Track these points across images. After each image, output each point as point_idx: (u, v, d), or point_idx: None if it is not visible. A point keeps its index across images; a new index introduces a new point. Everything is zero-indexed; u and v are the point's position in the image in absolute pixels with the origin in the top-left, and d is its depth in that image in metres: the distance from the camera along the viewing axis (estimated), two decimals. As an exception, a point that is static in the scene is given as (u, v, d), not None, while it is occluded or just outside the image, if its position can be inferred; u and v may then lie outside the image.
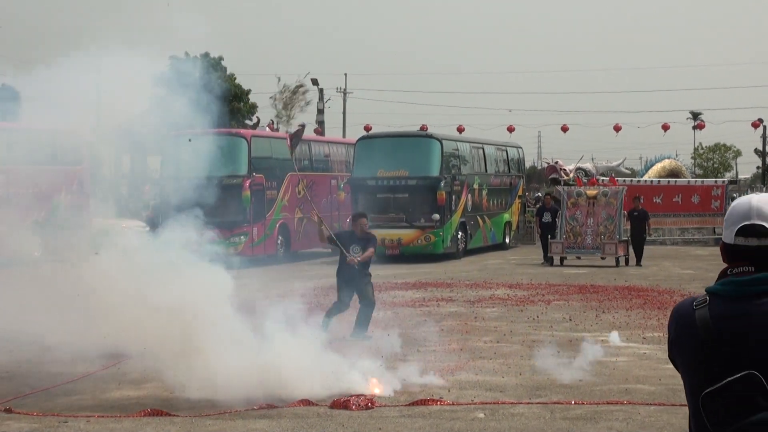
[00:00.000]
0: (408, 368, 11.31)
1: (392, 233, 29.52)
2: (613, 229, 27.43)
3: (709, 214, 36.34)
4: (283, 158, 31.08)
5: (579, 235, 27.55)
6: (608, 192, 28.01)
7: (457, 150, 32.27)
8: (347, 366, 10.43)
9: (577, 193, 28.00)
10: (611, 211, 27.57)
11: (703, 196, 36.27)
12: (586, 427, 8.77)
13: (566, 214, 27.83)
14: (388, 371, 10.78)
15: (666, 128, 48.84)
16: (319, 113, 57.19)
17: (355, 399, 9.57)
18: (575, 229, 27.59)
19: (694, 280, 22.96)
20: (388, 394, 9.99)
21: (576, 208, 27.76)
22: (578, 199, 27.79)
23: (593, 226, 27.49)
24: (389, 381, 10.30)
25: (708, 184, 37.55)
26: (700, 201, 36.11)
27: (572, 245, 27.61)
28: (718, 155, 66.30)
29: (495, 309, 17.71)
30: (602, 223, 27.45)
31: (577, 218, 27.66)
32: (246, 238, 28.16)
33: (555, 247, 27.73)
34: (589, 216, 27.59)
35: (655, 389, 10.40)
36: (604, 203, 27.60)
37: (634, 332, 14.63)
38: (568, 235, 27.59)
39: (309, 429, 8.78)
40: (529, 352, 12.75)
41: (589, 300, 18.97)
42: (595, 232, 27.45)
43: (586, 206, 27.64)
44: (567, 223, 27.70)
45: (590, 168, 42.87)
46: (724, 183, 37.50)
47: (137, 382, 10.89)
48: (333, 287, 21.82)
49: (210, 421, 9.06)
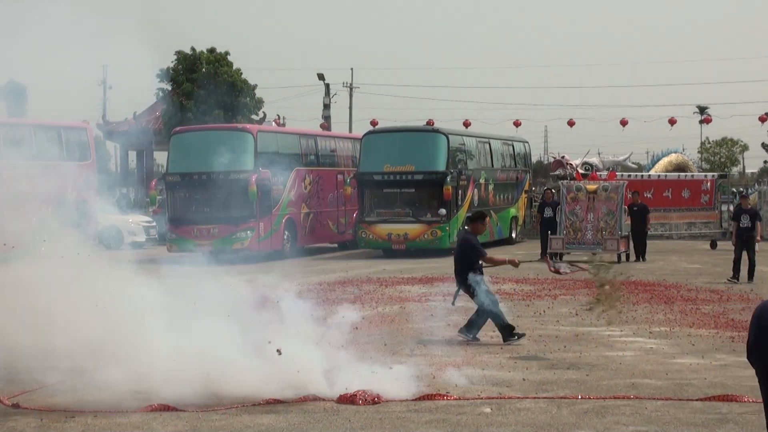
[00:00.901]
0: (414, 363, 11.33)
1: (398, 228, 29.55)
2: (613, 224, 26.97)
3: (698, 209, 35.77)
4: (289, 153, 31.13)
5: (579, 230, 27.08)
6: (608, 186, 27.47)
7: (463, 145, 32.26)
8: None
9: (576, 188, 27.50)
10: (612, 205, 27.10)
11: (693, 190, 35.70)
12: (592, 422, 8.76)
13: (566, 209, 27.36)
14: (396, 366, 10.78)
15: (673, 122, 48.73)
16: (326, 108, 57.14)
17: (362, 394, 9.57)
18: (575, 224, 27.12)
19: (701, 275, 22.93)
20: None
21: (576, 203, 27.28)
22: (578, 193, 27.31)
23: (593, 221, 27.04)
24: (397, 376, 10.29)
25: (698, 179, 36.88)
26: (690, 196, 35.55)
27: (572, 241, 27.12)
28: (725, 149, 66.22)
29: (501, 304, 17.67)
30: (603, 218, 26.98)
31: (576, 213, 27.20)
32: (252, 233, 28.19)
33: (555, 243, 27.14)
34: (589, 211, 27.13)
35: (661, 384, 10.39)
36: (604, 198, 27.11)
37: (641, 327, 14.63)
38: (567, 230, 27.13)
39: (315, 424, 8.79)
40: (535, 347, 12.76)
41: (595, 295, 18.91)
42: (596, 228, 27.00)
43: (586, 201, 27.15)
44: (567, 219, 27.24)
45: (597, 162, 42.86)
46: (713, 177, 36.88)
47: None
48: (339, 282, 21.88)
49: (216, 416, 9.07)
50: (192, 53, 48.57)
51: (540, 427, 8.61)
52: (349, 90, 63.89)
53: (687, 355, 12.22)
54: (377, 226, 29.86)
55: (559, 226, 27.29)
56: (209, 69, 47.99)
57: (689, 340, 13.35)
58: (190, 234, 28.29)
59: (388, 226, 29.62)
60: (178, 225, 28.67)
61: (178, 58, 48.50)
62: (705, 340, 13.31)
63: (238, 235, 28.18)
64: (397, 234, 29.13)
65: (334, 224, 33.10)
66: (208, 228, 28.25)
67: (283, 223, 29.59)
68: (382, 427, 8.68)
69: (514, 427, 8.62)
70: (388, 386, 9.87)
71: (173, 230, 28.74)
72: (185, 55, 48.45)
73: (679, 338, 13.54)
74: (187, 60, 48.26)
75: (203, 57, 48.38)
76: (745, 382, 10.45)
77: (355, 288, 20.66)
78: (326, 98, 57.70)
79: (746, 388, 10.10)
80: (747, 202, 22.22)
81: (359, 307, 14.11)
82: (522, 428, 8.60)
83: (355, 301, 18.09)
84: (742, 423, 8.69)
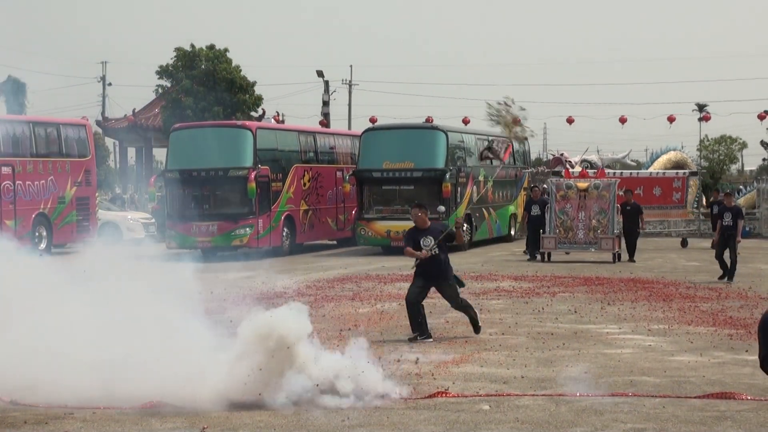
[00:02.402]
0: (413, 360, 11.34)
1: (397, 225, 29.48)
2: (606, 223, 26.28)
3: (669, 207, 35.27)
4: (288, 150, 31.14)
5: (570, 229, 26.43)
6: (600, 184, 26.66)
7: (462, 142, 32.26)
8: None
9: (566, 186, 26.80)
10: (604, 204, 26.39)
11: (665, 188, 35.19)
12: (591, 419, 8.77)
13: (555, 208, 26.65)
14: (394, 364, 10.78)
15: (672, 120, 48.64)
16: (325, 105, 57.08)
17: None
18: (566, 223, 26.45)
19: (700, 272, 22.95)
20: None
21: (566, 201, 26.57)
22: (568, 191, 26.58)
23: (585, 220, 26.37)
24: (396, 374, 10.29)
25: (669, 176, 36.33)
26: (661, 193, 35.04)
27: (563, 240, 26.48)
28: (724, 147, 66.11)
29: (500, 301, 17.72)
30: (594, 217, 26.32)
31: (567, 212, 26.49)
32: (251, 230, 28.20)
33: (548, 242, 26.53)
34: (581, 209, 26.45)
35: (660, 381, 10.40)
36: (596, 196, 26.41)
37: (640, 324, 14.64)
38: (558, 229, 26.42)
39: (314, 421, 8.79)
40: (534, 344, 12.77)
41: (594, 292, 18.96)
42: (587, 227, 26.33)
43: (576, 199, 26.46)
44: (557, 217, 26.53)
45: (596, 160, 42.90)
46: (684, 175, 36.51)
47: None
48: (338, 279, 21.91)
49: (215, 413, 9.07)
50: (191, 50, 48.51)
51: (538, 425, 8.62)
52: (348, 87, 63.88)
53: (685, 352, 12.23)
54: (376, 223, 29.88)
55: (549, 225, 26.66)
56: (208, 66, 47.94)
57: (688, 337, 13.37)
58: (189, 231, 28.30)
59: (387, 223, 29.61)
60: (177, 222, 28.67)
61: (177, 54, 48.45)
62: (703, 338, 13.32)
63: (237, 232, 28.19)
64: (396, 231, 29.05)
65: (333, 221, 33.11)
66: (207, 225, 28.25)
67: (282, 220, 29.60)
68: (381, 424, 8.69)
69: (512, 425, 8.63)
70: (385, 384, 9.84)
71: (172, 227, 28.75)
72: (184, 51, 48.39)
73: (677, 336, 13.55)
74: (186, 57, 48.20)
75: (202, 54, 48.33)
76: (743, 379, 10.47)
77: (354, 285, 20.67)
78: (325, 95, 57.65)
79: (744, 385, 10.11)
80: (731, 200, 21.89)
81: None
82: (520, 425, 8.60)
83: (354, 298, 18.12)
84: (740, 420, 8.70)
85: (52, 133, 30.90)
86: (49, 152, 30.44)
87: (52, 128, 31.11)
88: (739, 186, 48.65)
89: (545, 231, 26.86)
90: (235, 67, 48.69)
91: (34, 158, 29.60)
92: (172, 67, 48.47)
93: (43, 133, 30.50)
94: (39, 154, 29.90)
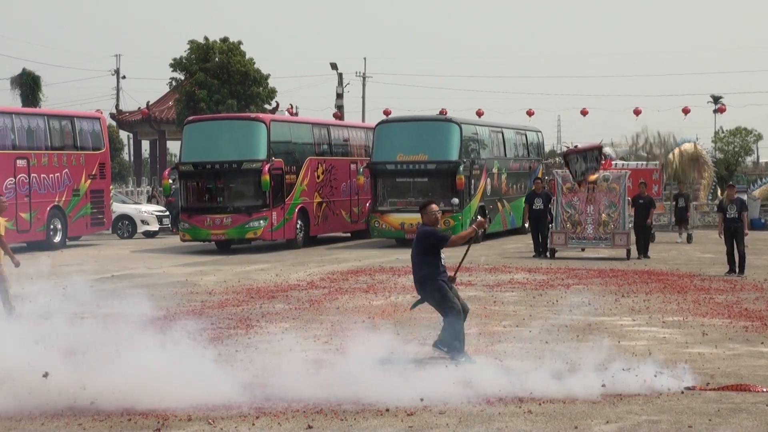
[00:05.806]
0: (426, 352, 11.34)
1: (411, 217, 29.44)
2: (617, 217, 24.80)
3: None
4: (302, 142, 31.14)
5: (578, 224, 25.03)
6: (609, 176, 25.18)
7: (476, 134, 32.21)
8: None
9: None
10: (614, 197, 24.83)
11: (646, 180, 34.50)
12: (605, 411, 8.77)
13: (562, 201, 25.16)
14: (406, 357, 10.77)
15: (686, 112, 48.49)
16: (339, 98, 57.14)
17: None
18: (573, 217, 25.06)
19: (715, 264, 22.87)
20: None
21: (573, 194, 25.18)
22: (575, 184, 25.13)
23: (594, 214, 24.95)
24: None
25: (650, 168, 35.66)
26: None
27: (571, 236, 25.10)
28: (739, 139, 65.80)
29: (514, 293, 17.70)
30: (604, 211, 24.89)
31: (574, 206, 25.12)
32: (265, 222, 28.22)
33: (557, 238, 25.09)
34: (589, 203, 25.03)
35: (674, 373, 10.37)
36: (605, 189, 24.97)
37: (654, 316, 14.60)
38: (564, 224, 25.07)
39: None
40: (548, 336, 12.75)
41: (608, 284, 18.92)
42: (597, 221, 24.81)
43: (584, 192, 25.03)
44: (564, 211, 25.06)
45: (610, 152, 42.71)
46: (658, 167, 35.95)
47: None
48: (351, 271, 21.92)
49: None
50: (205, 43, 48.60)
51: (553, 416, 8.62)
52: (362, 79, 63.86)
53: (700, 344, 12.20)
54: (390, 215, 29.87)
55: (555, 220, 25.34)
56: (222, 58, 48.02)
57: (702, 329, 13.33)
58: (203, 223, 28.36)
59: (401, 215, 29.60)
60: (191, 214, 28.73)
61: (191, 47, 48.54)
62: (718, 330, 13.28)
63: (251, 224, 28.23)
64: (410, 223, 29.03)
65: (347, 213, 33.12)
66: (221, 217, 28.30)
67: (295, 213, 29.62)
68: (390, 425, 8.70)
69: (525, 416, 8.63)
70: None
71: (186, 219, 28.81)
72: (198, 44, 48.48)
73: (692, 328, 13.51)
74: (200, 49, 48.29)
75: (216, 47, 48.41)
76: (758, 371, 10.44)
77: (368, 277, 20.68)
78: (339, 88, 57.70)
79: (760, 377, 10.08)
80: (734, 192, 21.42)
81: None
82: (534, 417, 8.60)
83: (368, 290, 18.13)
84: (756, 413, 8.67)
85: (67, 126, 31.00)
86: (63, 145, 30.54)
87: (67, 121, 31.22)
88: (754, 177, 48.46)
89: (547, 226, 25.68)
90: (249, 59, 48.75)
91: (49, 151, 29.70)
92: (185, 59, 48.58)
93: (58, 126, 30.60)
94: (54, 147, 30.01)
